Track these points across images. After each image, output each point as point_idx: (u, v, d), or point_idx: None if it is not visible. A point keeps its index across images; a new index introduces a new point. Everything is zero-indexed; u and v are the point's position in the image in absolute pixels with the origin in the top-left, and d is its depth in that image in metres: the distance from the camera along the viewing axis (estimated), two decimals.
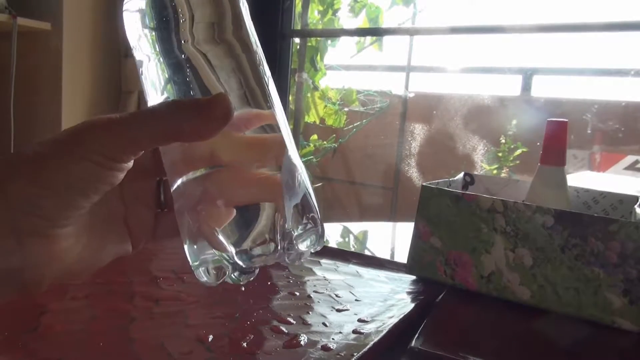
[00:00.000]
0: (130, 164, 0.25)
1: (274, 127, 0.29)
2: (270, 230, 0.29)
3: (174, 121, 0.24)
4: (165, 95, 0.28)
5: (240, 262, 0.29)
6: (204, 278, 0.30)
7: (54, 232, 0.24)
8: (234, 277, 0.30)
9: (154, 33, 0.28)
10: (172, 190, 0.29)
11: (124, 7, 0.29)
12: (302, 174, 0.31)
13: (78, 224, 0.25)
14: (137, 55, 0.30)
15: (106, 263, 0.28)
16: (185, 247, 0.30)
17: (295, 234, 0.30)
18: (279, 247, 0.29)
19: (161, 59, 0.28)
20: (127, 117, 0.24)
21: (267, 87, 0.29)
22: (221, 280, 0.30)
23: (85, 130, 0.24)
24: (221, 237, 0.29)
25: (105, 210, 0.27)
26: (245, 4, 0.30)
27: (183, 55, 0.28)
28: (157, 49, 0.28)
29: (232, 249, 0.29)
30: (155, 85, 0.29)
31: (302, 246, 0.31)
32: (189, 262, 0.30)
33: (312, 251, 0.31)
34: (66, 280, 0.26)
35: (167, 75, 0.28)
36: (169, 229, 0.31)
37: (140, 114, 0.25)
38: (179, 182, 0.29)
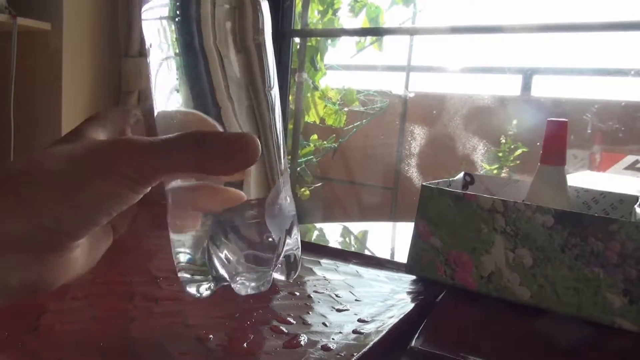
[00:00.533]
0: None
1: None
2: (267, 255, 0.30)
3: (202, 156, 0.25)
4: (175, 89, 0.29)
5: (224, 275, 0.31)
6: (197, 294, 0.32)
7: (71, 245, 0.25)
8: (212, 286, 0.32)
9: (174, 24, 0.28)
10: (166, 189, 0.30)
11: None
12: (289, 198, 0.32)
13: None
14: (151, 43, 0.30)
15: (99, 258, 0.29)
16: (175, 248, 0.31)
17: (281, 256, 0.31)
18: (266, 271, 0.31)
19: (178, 54, 0.28)
20: (158, 143, 0.25)
21: (272, 96, 0.30)
22: (204, 293, 0.32)
23: (117, 152, 0.24)
24: (217, 252, 0.30)
25: None
26: (268, 23, 0.30)
27: (200, 51, 0.28)
28: (175, 42, 0.28)
29: (223, 267, 0.30)
30: (163, 78, 0.29)
31: (279, 275, 0.33)
32: (174, 262, 0.32)
33: (290, 278, 0.33)
34: (70, 282, 0.26)
35: (179, 73, 0.28)
36: (147, 219, 0.32)
37: (168, 143, 0.25)
38: (172, 184, 0.30)
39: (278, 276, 0.33)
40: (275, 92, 0.31)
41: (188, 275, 0.32)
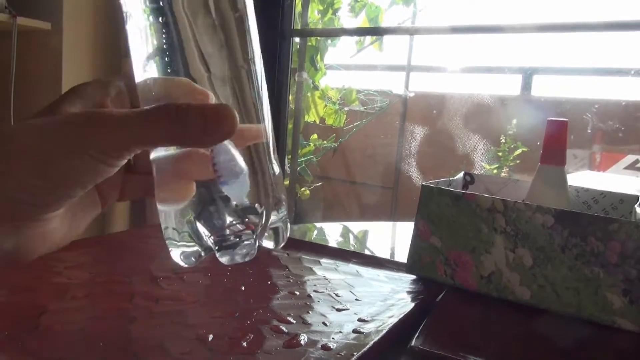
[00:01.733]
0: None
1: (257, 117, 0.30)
2: (247, 218, 0.30)
3: (179, 127, 0.24)
4: (147, 53, 0.28)
5: (212, 245, 0.30)
6: (175, 255, 0.31)
7: (48, 216, 0.25)
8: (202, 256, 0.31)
9: None
10: (151, 158, 0.29)
11: None
12: (275, 168, 0.32)
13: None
14: (126, 12, 0.29)
15: (83, 228, 0.29)
16: (162, 219, 0.31)
17: (268, 224, 0.31)
18: (252, 236, 0.30)
19: (149, 15, 0.27)
20: (132, 117, 0.24)
21: (254, 66, 0.29)
22: (193, 261, 0.31)
23: (90, 125, 0.24)
24: (198, 222, 0.29)
25: None
26: None
27: (171, 16, 0.27)
28: (148, 7, 0.27)
29: (206, 232, 0.30)
30: (136, 42, 0.28)
31: (267, 242, 0.32)
32: (163, 235, 0.31)
33: (278, 245, 0.32)
34: (50, 251, 0.26)
35: (153, 39, 0.27)
36: (137, 188, 0.32)
37: (143, 117, 0.25)
38: (155, 153, 0.29)
39: (266, 243, 0.33)
40: (258, 62, 0.29)
41: (175, 244, 0.32)
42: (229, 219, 0.30)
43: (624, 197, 0.56)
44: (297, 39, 2.21)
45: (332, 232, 0.90)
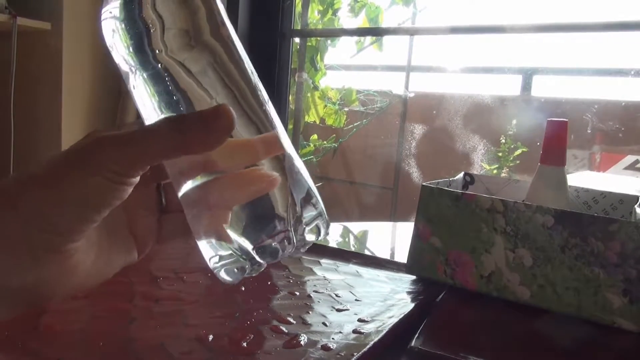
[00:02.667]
0: (138, 178, 0.26)
1: (268, 125, 0.30)
2: (281, 222, 0.29)
3: (180, 136, 0.25)
4: (155, 107, 0.28)
5: (257, 258, 0.30)
6: (227, 278, 0.31)
7: (67, 247, 0.25)
8: (250, 269, 0.31)
9: (130, 47, 0.28)
10: (179, 197, 0.29)
11: (101, 28, 0.29)
12: (300, 166, 0.31)
13: (88, 238, 0.26)
14: (123, 69, 0.30)
15: (114, 273, 0.29)
16: (203, 251, 0.31)
17: (305, 221, 0.31)
18: (291, 237, 0.30)
19: (142, 72, 0.28)
20: (134, 134, 0.25)
21: (254, 81, 0.29)
22: (242, 277, 0.31)
23: (95, 147, 0.24)
24: (237, 238, 0.29)
25: (110, 221, 0.27)
26: (221, 4, 0.30)
27: (160, 65, 0.27)
28: (136, 62, 0.28)
29: (249, 247, 0.29)
30: (143, 98, 0.29)
31: (310, 235, 0.32)
32: (209, 266, 0.31)
33: (321, 237, 0.32)
34: (76, 293, 0.26)
35: (150, 88, 0.28)
36: (173, 230, 0.32)
37: (146, 131, 0.25)
38: (183, 190, 0.29)
39: (309, 237, 0.32)
40: (255, 80, 0.29)
41: (222, 268, 0.32)
42: (265, 233, 0.30)
43: (623, 197, 0.56)
44: (297, 39, 2.21)
45: (332, 233, 0.90)
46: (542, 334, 0.42)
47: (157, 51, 0.27)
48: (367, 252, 0.68)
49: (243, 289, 0.45)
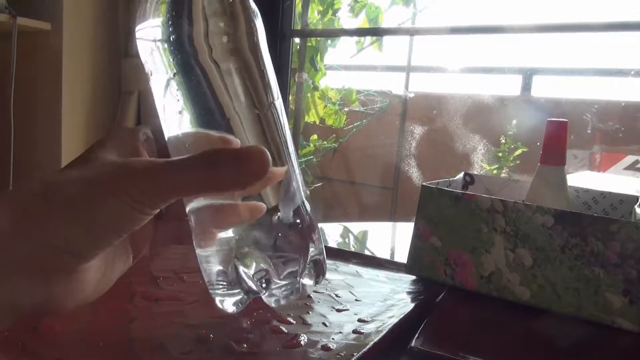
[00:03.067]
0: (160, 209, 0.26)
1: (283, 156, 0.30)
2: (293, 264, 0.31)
3: (212, 174, 0.25)
4: (180, 111, 0.29)
5: (268, 297, 0.31)
6: (230, 309, 0.32)
7: (80, 268, 0.25)
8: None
9: (169, 45, 0.28)
10: (187, 211, 0.30)
11: (137, 22, 0.29)
12: (307, 205, 0.33)
13: (98, 257, 0.26)
14: (150, 70, 0.29)
15: (114, 282, 0.29)
16: (211, 279, 0.32)
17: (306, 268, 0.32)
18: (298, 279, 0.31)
19: (176, 74, 0.28)
20: (165, 166, 0.25)
21: (278, 108, 0.30)
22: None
23: (125, 174, 0.24)
24: (249, 281, 0.30)
25: None
26: (261, 27, 0.30)
27: (198, 68, 0.28)
28: (173, 63, 0.28)
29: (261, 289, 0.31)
30: (169, 105, 0.29)
31: (307, 280, 0.33)
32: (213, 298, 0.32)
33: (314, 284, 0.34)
34: (80, 305, 0.26)
35: (181, 91, 0.28)
36: (166, 237, 0.32)
37: (179, 164, 0.25)
38: (191, 206, 0.30)
39: (306, 281, 0.33)
40: (279, 100, 0.31)
41: (220, 291, 0.32)
42: (270, 263, 0.30)
43: (623, 197, 0.56)
44: (297, 40, 2.21)
45: (332, 233, 0.90)
46: (542, 334, 0.42)
47: (198, 52, 0.27)
48: (367, 252, 0.68)
49: None
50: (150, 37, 0.28)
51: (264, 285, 0.31)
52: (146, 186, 0.24)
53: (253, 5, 0.30)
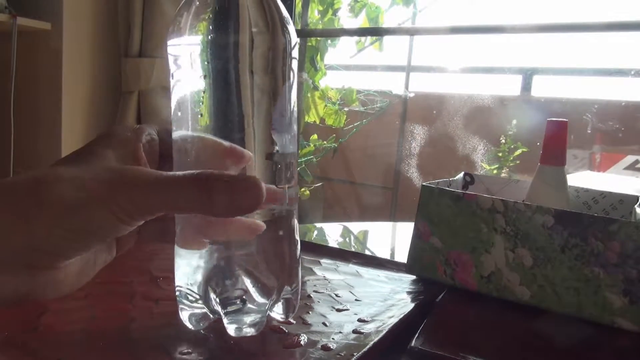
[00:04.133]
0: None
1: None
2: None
3: (204, 198, 0.25)
4: (198, 113, 0.29)
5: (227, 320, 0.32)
6: (188, 324, 0.33)
7: (62, 264, 0.25)
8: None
9: (210, 46, 0.28)
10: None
11: (180, 13, 0.29)
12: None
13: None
14: (178, 65, 0.29)
15: (94, 274, 0.29)
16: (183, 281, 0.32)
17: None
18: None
19: (207, 76, 0.28)
20: (159, 181, 0.25)
21: (293, 127, 0.31)
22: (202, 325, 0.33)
23: (117, 184, 0.24)
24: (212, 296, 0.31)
25: None
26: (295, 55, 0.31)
27: (234, 75, 0.28)
28: (209, 64, 0.28)
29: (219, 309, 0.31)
30: (190, 103, 0.29)
31: (276, 314, 0.34)
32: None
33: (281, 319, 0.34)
34: (61, 296, 0.27)
35: (208, 94, 0.28)
36: (153, 233, 0.32)
37: (172, 181, 0.25)
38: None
39: (276, 315, 0.34)
40: (294, 133, 0.31)
41: (186, 305, 0.33)
42: (239, 284, 0.31)
43: (623, 197, 0.56)
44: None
45: (332, 233, 0.90)
46: (542, 334, 0.42)
47: (239, 63, 0.28)
48: (367, 252, 0.68)
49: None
50: (191, 32, 0.28)
51: (226, 311, 0.31)
52: (136, 199, 0.24)
53: (292, 31, 0.30)
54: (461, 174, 0.63)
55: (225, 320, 0.32)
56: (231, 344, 0.33)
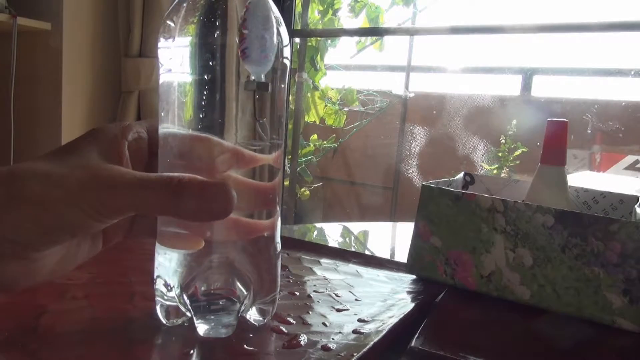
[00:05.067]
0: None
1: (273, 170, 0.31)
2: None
3: (173, 202, 0.25)
4: (182, 109, 0.29)
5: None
6: (163, 320, 0.33)
7: (35, 255, 0.25)
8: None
9: (199, 44, 0.28)
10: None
11: (172, 10, 0.29)
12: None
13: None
14: (166, 59, 0.29)
15: (77, 264, 0.29)
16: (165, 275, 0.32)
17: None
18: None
19: (195, 73, 0.28)
20: (133, 182, 0.25)
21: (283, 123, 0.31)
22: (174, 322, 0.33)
23: (91, 183, 0.25)
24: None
25: None
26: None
27: (220, 74, 0.28)
28: (197, 62, 0.28)
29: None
30: (173, 100, 0.29)
31: (253, 315, 0.34)
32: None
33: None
34: (37, 284, 0.27)
35: (193, 95, 0.28)
36: (145, 229, 0.32)
37: (143, 183, 0.25)
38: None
39: (254, 316, 0.34)
40: (281, 143, 0.31)
41: (161, 297, 0.33)
42: (212, 282, 0.31)
43: (623, 197, 0.56)
44: (297, 39, 2.22)
45: (332, 233, 0.90)
46: (542, 334, 0.42)
47: (227, 61, 0.28)
48: (367, 252, 0.68)
49: None
50: (181, 33, 0.28)
51: (198, 311, 0.31)
52: (105, 199, 0.25)
53: (285, 35, 0.30)
54: (461, 174, 0.63)
55: (196, 321, 0.32)
56: (231, 344, 0.33)
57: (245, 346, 0.34)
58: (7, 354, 0.32)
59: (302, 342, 0.34)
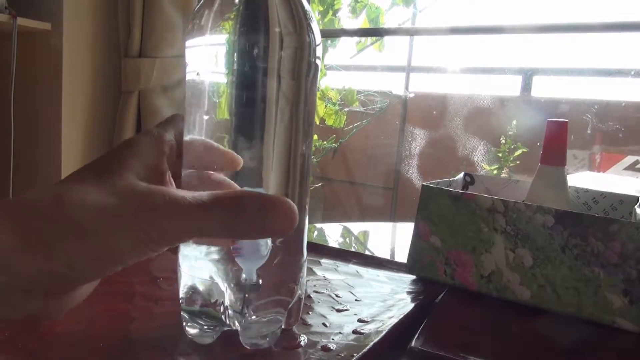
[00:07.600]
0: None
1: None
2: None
3: (235, 222, 0.24)
4: (215, 112, 0.28)
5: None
6: (196, 337, 0.32)
7: (78, 289, 0.24)
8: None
9: (238, 46, 0.26)
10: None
11: (200, 6, 0.28)
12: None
13: None
14: (199, 62, 0.28)
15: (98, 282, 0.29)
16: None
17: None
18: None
19: (231, 75, 0.27)
20: (187, 206, 0.23)
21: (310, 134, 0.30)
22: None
23: (145, 211, 0.23)
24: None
25: None
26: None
27: (261, 77, 0.27)
28: (235, 64, 0.27)
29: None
30: (203, 105, 0.28)
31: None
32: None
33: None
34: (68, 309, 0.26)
35: (230, 93, 0.27)
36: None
37: (201, 205, 0.24)
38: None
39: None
40: (309, 151, 0.30)
41: (190, 312, 0.32)
42: (256, 298, 0.30)
43: (623, 197, 0.56)
44: None
45: (332, 233, 0.90)
46: (542, 334, 0.42)
47: (270, 64, 0.27)
48: (367, 253, 0.68)
49: None
50: (214, 30, 0.27)
51: (243, 321, 0.30)
52: (166, 227, 0.23)
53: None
54: (461, 174, 0.63)
55: (240, 337, 0.31)
56: (231, 345, 0.33)
57: (245, 346, 0.34)
58: (7, 353, 0.32)
59: (302, 343, 0.34)
